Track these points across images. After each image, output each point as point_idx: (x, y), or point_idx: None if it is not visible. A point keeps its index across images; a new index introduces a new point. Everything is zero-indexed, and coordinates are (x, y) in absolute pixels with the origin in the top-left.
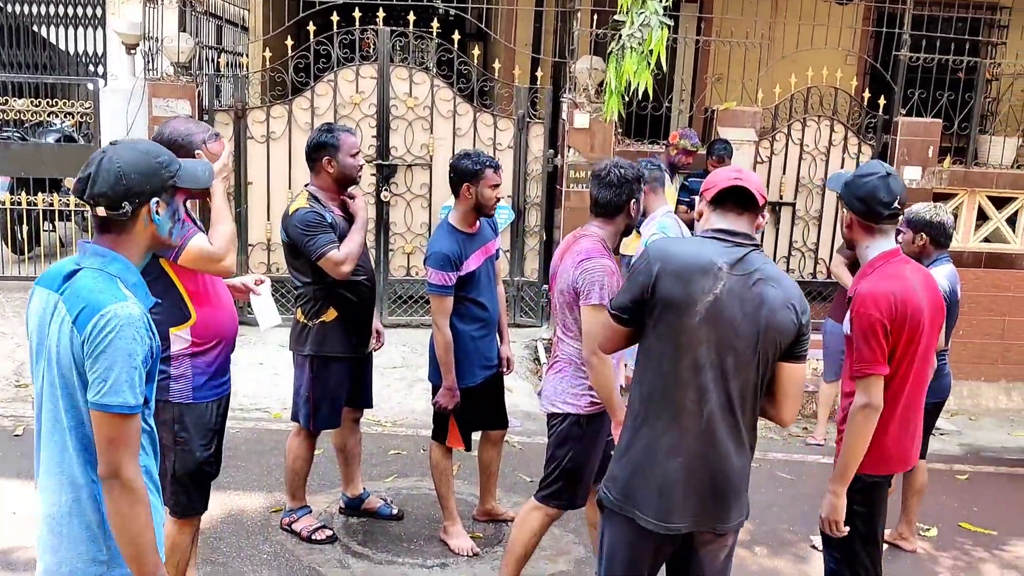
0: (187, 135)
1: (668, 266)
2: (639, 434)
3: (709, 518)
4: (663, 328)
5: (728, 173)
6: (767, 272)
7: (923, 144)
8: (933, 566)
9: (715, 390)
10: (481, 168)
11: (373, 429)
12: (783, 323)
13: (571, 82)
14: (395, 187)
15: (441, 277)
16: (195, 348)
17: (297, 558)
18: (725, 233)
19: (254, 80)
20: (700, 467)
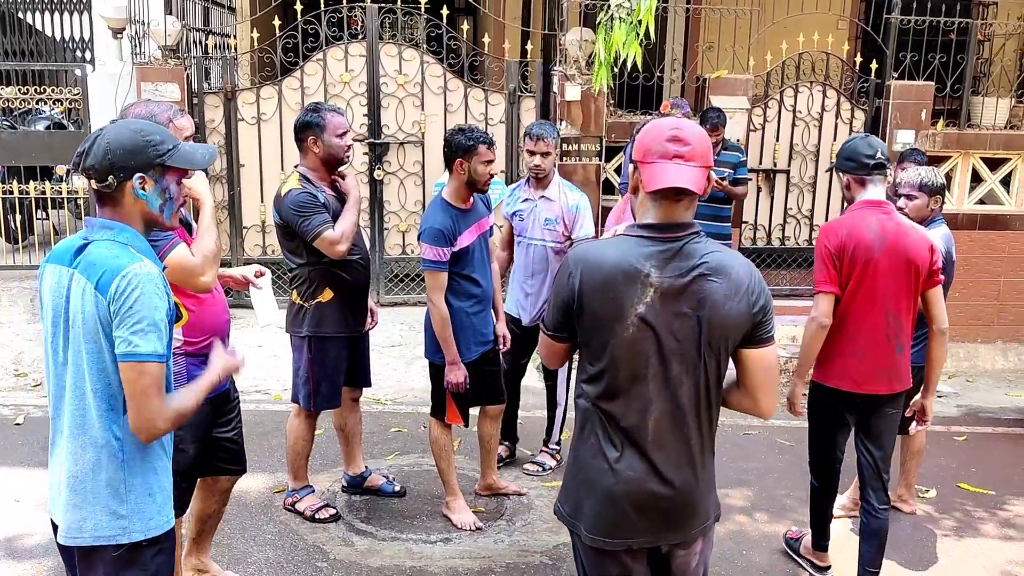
0: (149, 116)
1: (589, 278)
2: (586, 446)
3: (666, 532)
4: (596, 343)
5: (662, 146)
6: (712, 263)
7: (916, 107)
8: (933, 527)
9: (660, 400)
10: (475, 143)
11: (373, 408)
12: (730, 316)
13: (561, 55)
14: (388, 165)
15: (435, 252)
16: (188, 347)
17: (301, 537)
18: (653, 229)
19: (243, 61)
20: (649, 481)
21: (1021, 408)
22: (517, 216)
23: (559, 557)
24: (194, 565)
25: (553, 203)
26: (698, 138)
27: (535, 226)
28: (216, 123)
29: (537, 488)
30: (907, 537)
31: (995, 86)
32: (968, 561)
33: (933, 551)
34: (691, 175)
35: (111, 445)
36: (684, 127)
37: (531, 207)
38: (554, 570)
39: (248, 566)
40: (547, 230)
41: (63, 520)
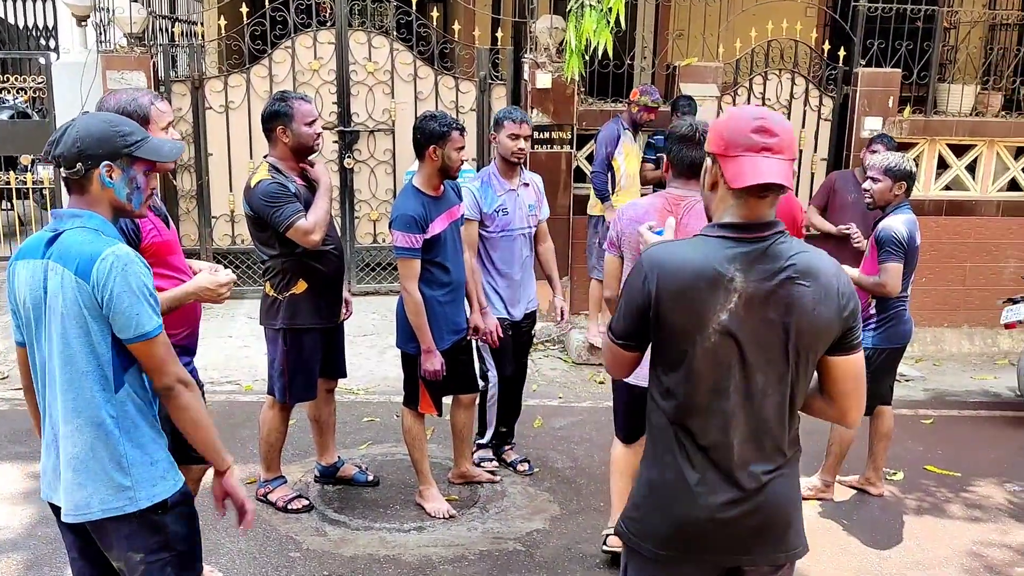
0: (132, 100)
1: (667, 283)
2: (659, 466)
3: (755, 552)
4: (673, 354)
5: (747, 138)
6: (800, 265)
7: (883, 94)
8: (901, 509)
9: (743, 414)
10: (447, 130)
11: (346, 397)
12: (820, 322)
13: (532, 42)
14: (358, 154)
15: (407, 239)
16: None
17: (274, 528)
18: (737, 229)
19: (210, 49)
20: (735, 505)
21: (986, 391)
22: (501, 211)
23: (532, 544)
24: None
25: (529, 188)
26: (785, 128)
27: (520, 216)
28: (183, 111)
29: (510, 475)
30: (875, 519)
31: (961, 73)
32: (935, 542)
33: (900, 533)
34: (781, 169)
35: (106, 423)
36: (769, 117)
37: (514, 197)
38: (528, 556)
39: (220, 557)
40: (530, 216)
41: (67, 500)
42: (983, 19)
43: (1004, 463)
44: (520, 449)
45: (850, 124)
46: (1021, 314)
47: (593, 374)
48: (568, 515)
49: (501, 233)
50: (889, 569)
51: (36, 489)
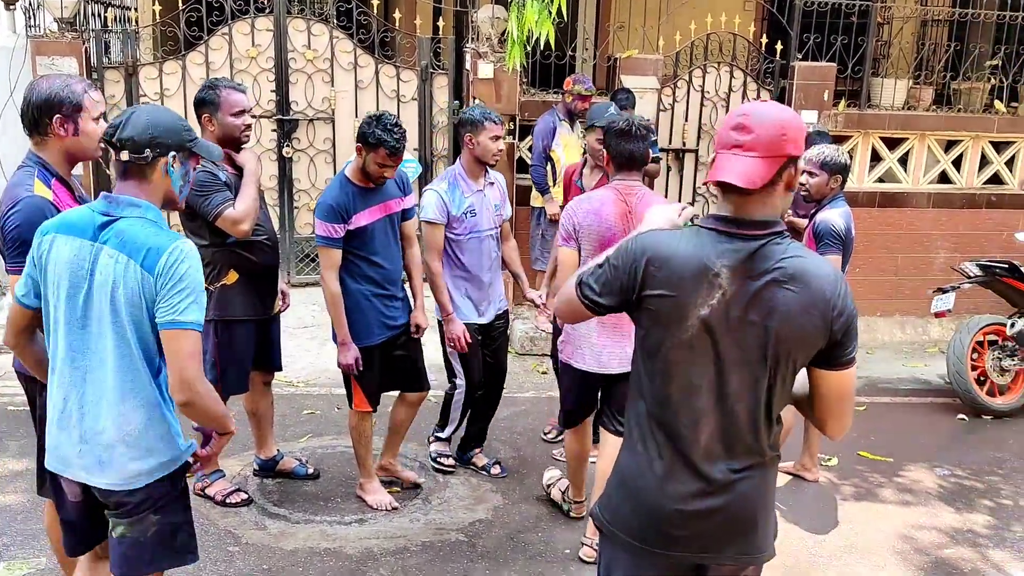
0: (65, 86)
1: (655, 269)
2: (633, 455)
3: (717, 551)
4: (651, 341)
5: (726, 134)
6: (789, 269)
7: (819, 88)
8: (836, 494)
9: (714, 414)
10: (378, 144)
11: (286, 390)
12: (804, 330)
13: (474, 32)
14: (297, 142)
15: (325, 228)
16: None
17: (212, 522)
18: (729, 223)
19: (144, 35)
20: (700, 499)
21: (917, 378)
22: (470, 213)
23: (475, 534)
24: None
25: (495, 187)
26: (764, 125)
27: (487, 216)
28: (117, 99)
29: (453, 466)
30: (811, 504)
31: (894, 68)
32: (869, 526)
33: (836, 517)
34: (743, 167)
35: (159, 403)
36: (752, 112)
37: (481, 198)
38: (470, 547)
39: None
40: (497, 216)
41: (116, 472)
42: (915, 15)
43: (934, 448)
44: None
45: None
46: (950, 303)
47: (536, 364)
48: (511, 505)
49: (469, 235)
50: (824, 553)
51: None
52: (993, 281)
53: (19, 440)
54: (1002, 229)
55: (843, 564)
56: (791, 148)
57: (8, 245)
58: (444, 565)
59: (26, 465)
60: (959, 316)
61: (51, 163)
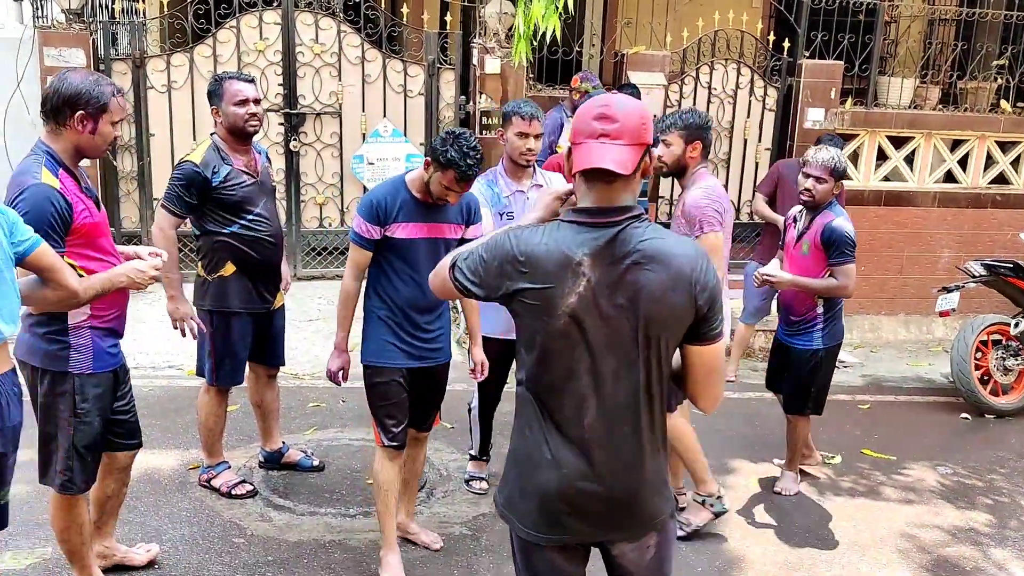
0: (96, 85)
1: (522, 264)
2: (521, 438)
3: (606, 532)
4: (527, 333)
5: (589, 125)
6: (648, 251)
7: (826, 86)
8: (838, 492)
9: (595, 397)
10: (447, 165)
11: (291, 383)
12: (670, 309)
13: (481, 27)
14: (304, 136)
15: (360, 225)
16: (95, 320)
17: (217, 513)
18: (588, 214)
19: (152, 27)
20: (586, 480)
21: (920, 377)
22: (506, 215)
23: (479, 528)
24: (99, 552)
25: (543, 190)
26: (627, 114)
27: None
28: (124, 91)
29: (457, 460)
30: (813, 502)
31: (901, 67)
32: (871, 523)
33: (839, 515)
34: (616, 154)
35: None
36: (613, 103)
37: (522, 200)
38: (474, 540)
39: (163, 543)
40: None
41: None
42: (922, 14)
43: (937, 447)
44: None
45: (793, 114)
46: (954, 303)
47: None
48: None
49: None
50: (827, 550)
51: None
52: (997, 281)
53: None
54: (1007, 229)
55: (845, 561)
56: (648, 136)
57: None
58: (448, 558)
59: (31, 455)
60: (963, 315)
61: (59, 153)
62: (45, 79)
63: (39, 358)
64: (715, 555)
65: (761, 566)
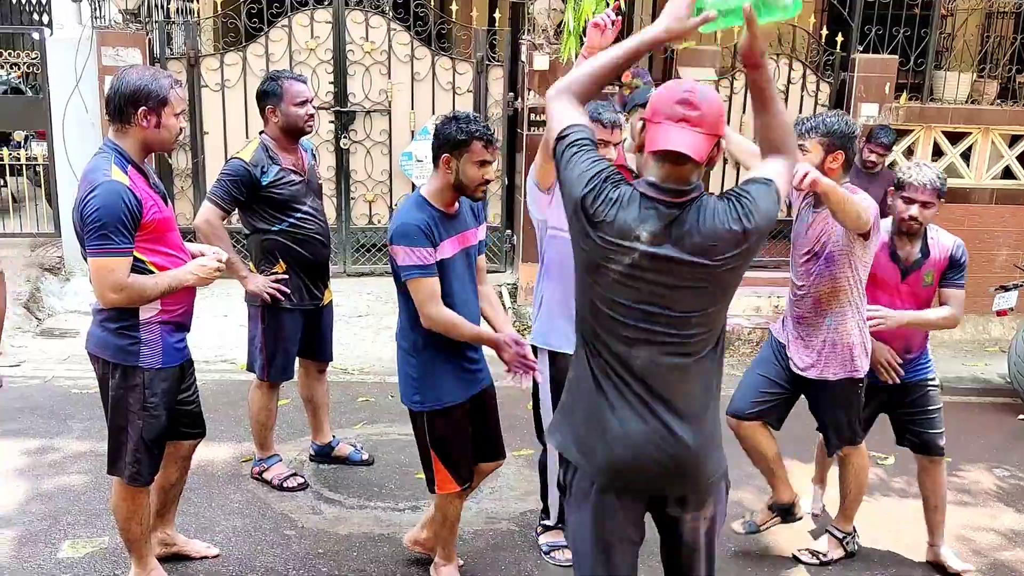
0: (154, 79)
1: (594, 213)
2: (583, 377)
3: (665, 483)
4: (583, 283)
5: (671, 108)
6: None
7: (880, 80)
8: (892, 493)
9: (648, 351)
10: (467, 138)
11: (341, 377)
12: (725, 277)
13: (530, 23)
14: (354, 134)
15: (418, 255)
16: (164, 315)
17: (269, 506)
18: (656, 189)
19: (206, 27)
20: (648, 430)
21: (977, 377)
22: None
23: (526, 524)
24: (160, 539)
25: None
26: (710, 104)
27: None
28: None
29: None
30: (865, 503)
31: (957, 61)
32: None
33: (891, 516)
34: (694, 141)
35: None
36: (697, 91)
37: None
38: (522, 536)
39: (215, 535)
40: None
41: None
42: (980, 7)
43: (993, 448)
44: (515, 432)
45: (847, 110)
46: (1012, 301)
47: None
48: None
49: None
50: (878, 551)
51: (30, 466)
52: None
53: (83, 422)
54: None
55: (897, 562)
56: (723, 129)
57: (88, 228)
58: (496, 554)
59: (89, 447)
60: (1021, 314)
61: (127, 151)
62: (103, 78)
63: (110, 352)
64: (764, 555)
65: (816, 568)
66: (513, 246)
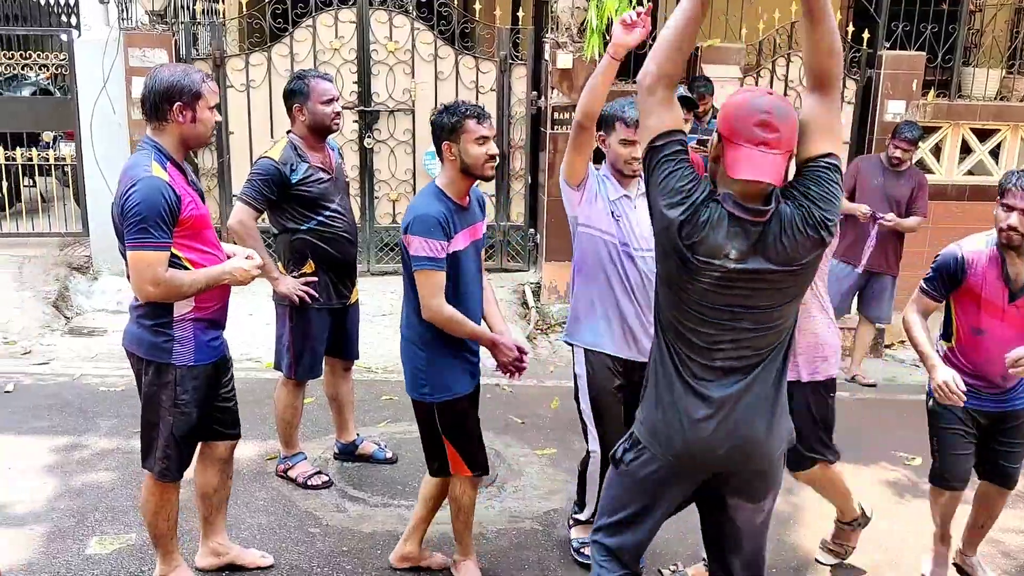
0: (186, 75)
1: (686, 222)
2: (665, 368)
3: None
4: (669, 283)
5: (750, 131)
6: (786, 243)
7: (907, 77)
8: (919, 494)
9: (730, 348)
10: (459, 119)
11: (364, 376)
12: (808, 276)
13: (553, 22)
14: (378, 134)
15: (429, 247)
16: (198, 312)
17: (294, 503)
18: (741, 208)
19: (231, 27)
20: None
21: None
22: (615, 216)
23: (549, 523)
24: (212, 548)
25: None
26: (788, 123)
27: (635, 234)
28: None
29: (528, 455)
30: (893, 504)
31: (986, 57)
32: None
33: (917, 517)
34: (774, 165)
35: None
36: (775, 111)
37: (628, 207)
38: (545, 535)
39: (241, 532)
40: (644, 239)
41: None
42: (1009, 2)
43: None
44: (538, 431)
45: (873, 107)
46: None
47: None
48: None
49: (623, 248)
50: (908, 553)
51: (59, 463)
52: None
53: (110, 419)
54: None
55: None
56: (795, 142)
57: (128, 223)
58: (519, 552)
59: (117, 444)
60: None
61: (166, 147)
62: (130, 79)
63: (144, 349)
64: (792, 554)
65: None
66: (536, 245)
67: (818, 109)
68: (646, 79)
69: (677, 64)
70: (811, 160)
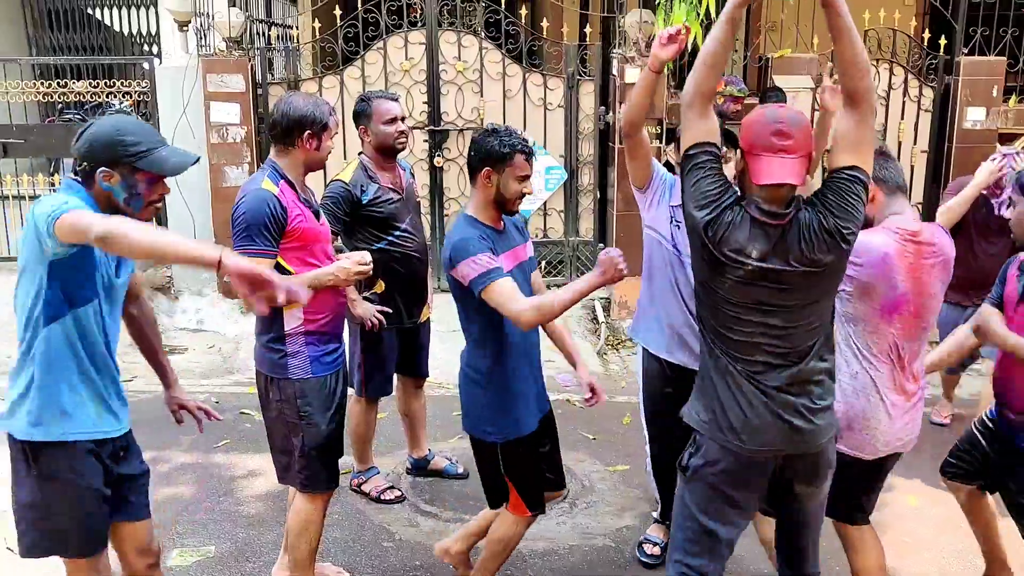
0: (316, 106)
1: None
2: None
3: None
4: (703, 284)
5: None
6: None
7: (987, 83)
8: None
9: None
10: (509, 152)
11: (436, 391)
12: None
13: (620, 37)
14: (448, 152)
15: (482, 263)
16: (309, 325)
17: (367, 517)
18: (764, 213)
19: (305, 52)
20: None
21: None
22: (674, 220)
23: (622, 540)
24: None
25: None
26: (800, 129)
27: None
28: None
29: (600, 471)
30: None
31: None
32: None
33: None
34: (793, 168)
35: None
36: (787, 120)
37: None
38: (617, 552)
39: None
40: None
41: None
42: None
43: None
44: (610, 447)
45: (952, 115)
46: None
47: None
48: None
49: (673, 249)
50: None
51: None
52: None
53: (191, 435)
54: None
55: None
56: (812, 143)
57: (235, 230)
58: (592, 569)
59: (197, 458)
60: None
61: (285, 168)
62: (208, 104)
63: (266, 367)
64: None
65: None
66: None
67: (849, 123)
68: (686, 96)
69: (711, 81)
70: (836, 172)
